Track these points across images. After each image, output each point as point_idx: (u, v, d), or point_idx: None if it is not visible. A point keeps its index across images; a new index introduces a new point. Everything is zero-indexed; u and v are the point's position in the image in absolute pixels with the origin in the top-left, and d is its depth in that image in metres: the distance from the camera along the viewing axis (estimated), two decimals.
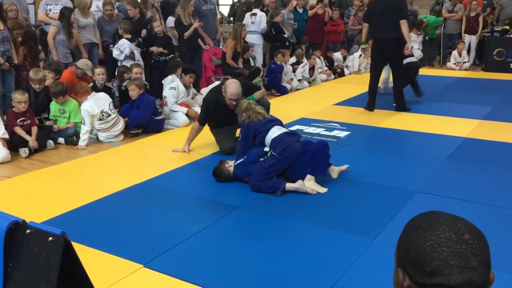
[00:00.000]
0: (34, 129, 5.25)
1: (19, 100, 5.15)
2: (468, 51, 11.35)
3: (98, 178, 4.49)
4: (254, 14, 9.33)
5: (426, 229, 0.97)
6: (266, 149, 4.23)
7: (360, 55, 10.36)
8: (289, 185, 4.03)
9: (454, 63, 11.18)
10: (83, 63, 6.30)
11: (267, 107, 5.14)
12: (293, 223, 3.50)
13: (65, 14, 6.56)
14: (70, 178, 4.48)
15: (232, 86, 4.87)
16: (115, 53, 6.97)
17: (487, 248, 0.96)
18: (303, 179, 4.08)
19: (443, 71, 11.08)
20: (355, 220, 3.54)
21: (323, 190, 4.06)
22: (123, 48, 6.90)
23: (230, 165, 4.29)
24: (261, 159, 4.21)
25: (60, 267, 1.11)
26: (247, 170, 4.19)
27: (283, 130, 4.28)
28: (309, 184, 4.07)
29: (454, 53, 11.26)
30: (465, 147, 5.30)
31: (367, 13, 7.47)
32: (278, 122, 4.41)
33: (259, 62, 9.01)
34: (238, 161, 4.25)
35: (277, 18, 9.55)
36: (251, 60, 8.64)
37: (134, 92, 5.88)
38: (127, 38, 6.94)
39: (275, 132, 4.20)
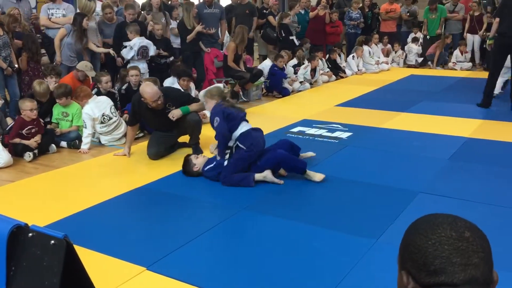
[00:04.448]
0: (39, 137, 5.23)
1: (30, 107, 5.12)
2: (472, 52, 11.33)
3: (101, 182, 4.49)
4: None
5: (427, 229, 0.98)
6: (231, 143, 4.33)
7: (353, 57, 10.38)
8: (258, 175, 4.21)
9: (453, 63, 11.17)
10: (83, 64, 6.31)
11: (197, 122, 5.06)
12: (295, 224, 3.49)
13: (77, 19, 6.69)
14: (72, 182, 4.48)
15: (147, 89, 4.80)
16: (124, 51, 6.95)
17: (488, 245, 0.98)
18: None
19: (445, 71, 11.06)
20: (357, 221, 3.53)
21: (280, 182, 4.23)
22: (133, 44, 6.91)
23: (198, 167, 4.41)
24: (227, 155, 4.32)
25: (63, 270, 1.11)
26: (217, 172, 4.32)
27: (250, 125, 4.42)
28: (270, 175, 4.22)
29: (456, 52, 11.24)
30: (468, 147, 5.29)
31: (500, 8, 7.22)
32: (244, 116, 4.49)
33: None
34: (208, 167, 4.36)
35: (286, 20, 9.54)
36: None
37: None
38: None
39: (243, 127, 4.35)
